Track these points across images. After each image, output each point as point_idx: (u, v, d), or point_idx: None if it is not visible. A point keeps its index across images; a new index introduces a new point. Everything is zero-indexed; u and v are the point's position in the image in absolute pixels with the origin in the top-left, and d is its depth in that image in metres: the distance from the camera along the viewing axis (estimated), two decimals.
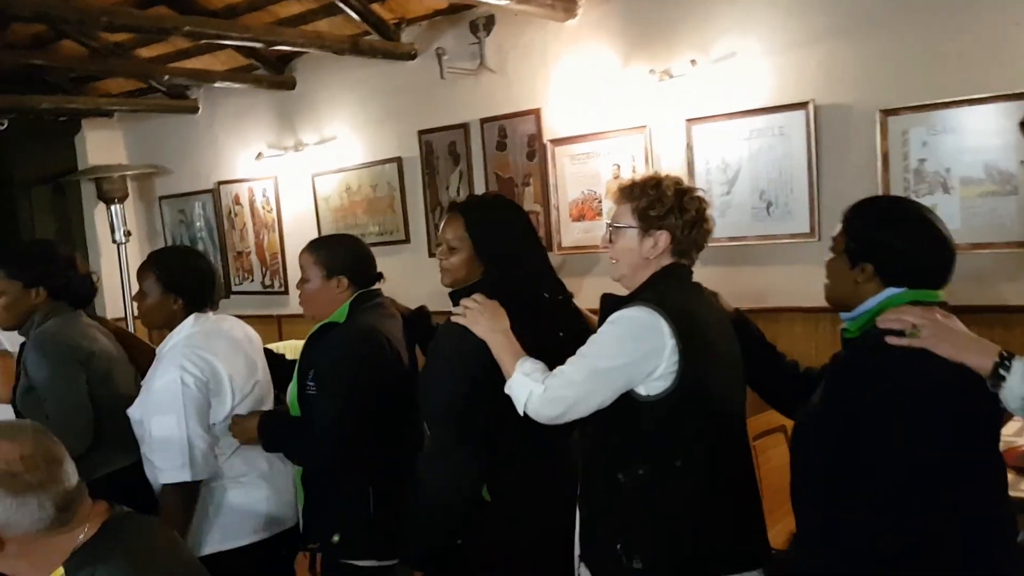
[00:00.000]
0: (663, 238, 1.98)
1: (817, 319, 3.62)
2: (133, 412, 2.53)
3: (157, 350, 2.59)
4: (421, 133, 4.98)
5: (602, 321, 2.00)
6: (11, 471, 1.43)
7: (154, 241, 6.74)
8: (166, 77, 5.56)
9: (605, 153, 4.27)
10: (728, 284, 2.64)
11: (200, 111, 6.18)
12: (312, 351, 2.53)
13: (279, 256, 5.90)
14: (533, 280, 2.30)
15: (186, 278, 2.55)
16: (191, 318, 2.53)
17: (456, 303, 2.22)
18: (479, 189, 4.77)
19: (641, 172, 4.05)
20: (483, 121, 4.70)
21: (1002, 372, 1.50)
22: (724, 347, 2.03)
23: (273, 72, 5.56)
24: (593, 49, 4.26)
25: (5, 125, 5.93)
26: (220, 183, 6.18)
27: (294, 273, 2.65)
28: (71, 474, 1.50)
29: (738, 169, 3.86)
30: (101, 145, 6.71)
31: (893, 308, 1.65)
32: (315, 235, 5.51)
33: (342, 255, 2.56)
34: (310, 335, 2.56)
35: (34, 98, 5.75)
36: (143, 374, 2.72)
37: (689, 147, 3.98)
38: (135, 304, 2.63)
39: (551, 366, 1.97)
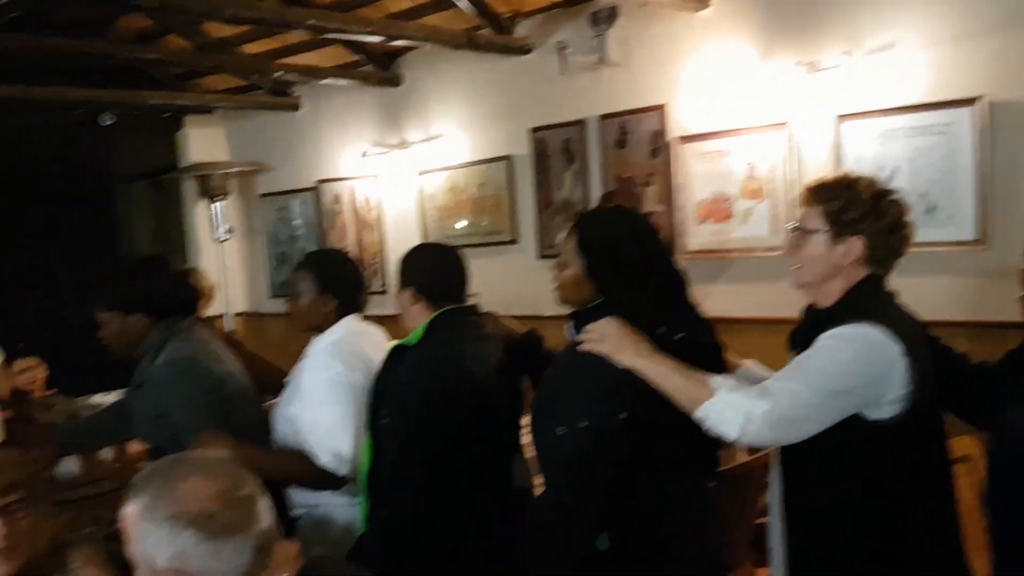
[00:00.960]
0: (857, 245, 1.78)
1: (983, 334, 3.26)
2: (287, 408, 2.46)
3: (307, 349, 2.52)
4: (533, 131, 4.77)
5: (807, 335, 1.78)
6: (206, 511, 1.23)
7: (253, 239, 6.69)
8: (277, 73, 5.44)
9: (738, 151, 3.98)
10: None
11: (303, 108, 6.09)
12: (385, 374, 2.26)
13: (379, 256, 5.75)
14: (646, 312, 1.94)
15: (341, 280, 2.51)
16: (345, 320, 2.48)
17: (579, 326, 1.95)
18: (595, 188, 4.53)
19: (780, 174, 3.82)
20: (602, 118, 4.45)
21: None
22: (929, 364, 1.80)
23: (379, 69, 5.42)
24: (728, 41, 3.98)
25: (112, 120, 5.94)
26: (321, 181, 6.08)
27: (397, 273, 2.48)
28: (265, 513, 1.31)
29: (894, 170, 3.52)
30: (203, 142, 6.69)
31: None
32: (418, 235, 5.43)
33: (419, 267, 2.33)
34: (386, 356, 2.29)
35: (142, 93, 5.75)
36: (257, 384, 2.66)
37: (838, 145, 3.66)
38: (288, 305, 2.56)
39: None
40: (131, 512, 1.26)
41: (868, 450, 1.72)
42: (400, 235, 5.58)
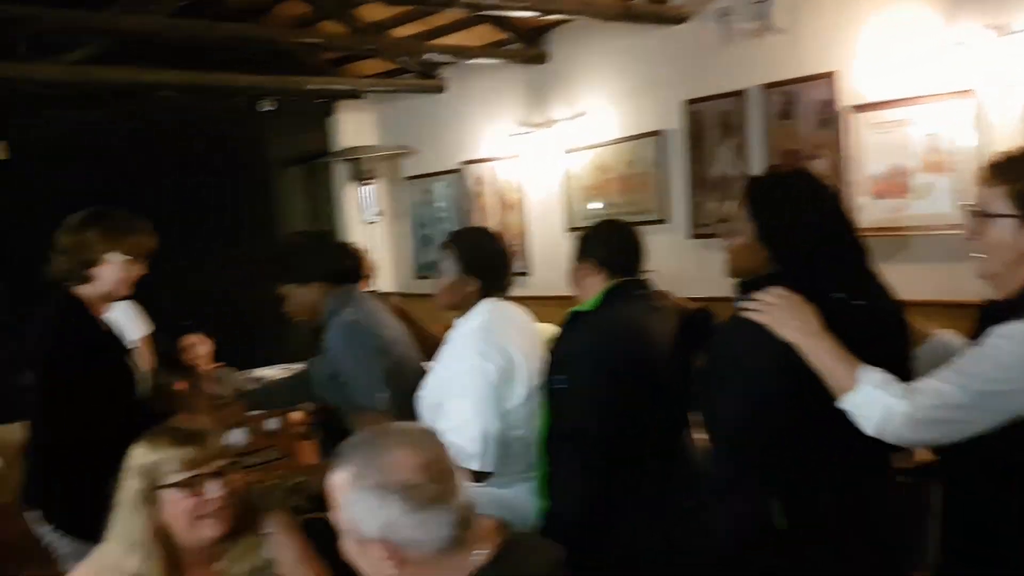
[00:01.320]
0: None
1: None
2: (427, 395, 2.44)
3: (448, 333, 2.49)
4: (688, 103, 4.58)
5: (982, 327, 1.61)
6: (412, 482, 1.22)
7: (400, 222, 6.79)
8: (427, 55, 5.45)
9: (918, 121, 3.67)
10: None
11: (447, 90, 6.11)
12: (560, 341, 2.32)
13: (521, 237, 5.71)
14: (824, 280, 1.80)
15: (485, 260, 2.45)
16: (486, 303, 2.41)
17: (744, 295, 1.84)
18: (755, 163, 4.30)
19: (963, 146, 3.50)
20: (765, 87, 4.22)
21: None
22: None
23: (526, 46, 5.35)
24: (908, 3, 3.67)
25: (272, 107, 6.15)
26: (464, 163, 6.09)
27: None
28: (463, 487, 1.27)
29: None
30: (353, 126, 6.84)
31: None
32: (561, 215, 5.35)
33: (600, 241, 2.41)
34: (563, 323, 2.34)
35: (301, 79, 5.90)
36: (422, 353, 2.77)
37: None
38: (434, 286, 2.54)
39: None
40: (339, 480, 1.25)
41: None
42: (543, 216, 5.52)
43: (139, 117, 6.10)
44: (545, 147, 5.41)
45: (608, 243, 2.40)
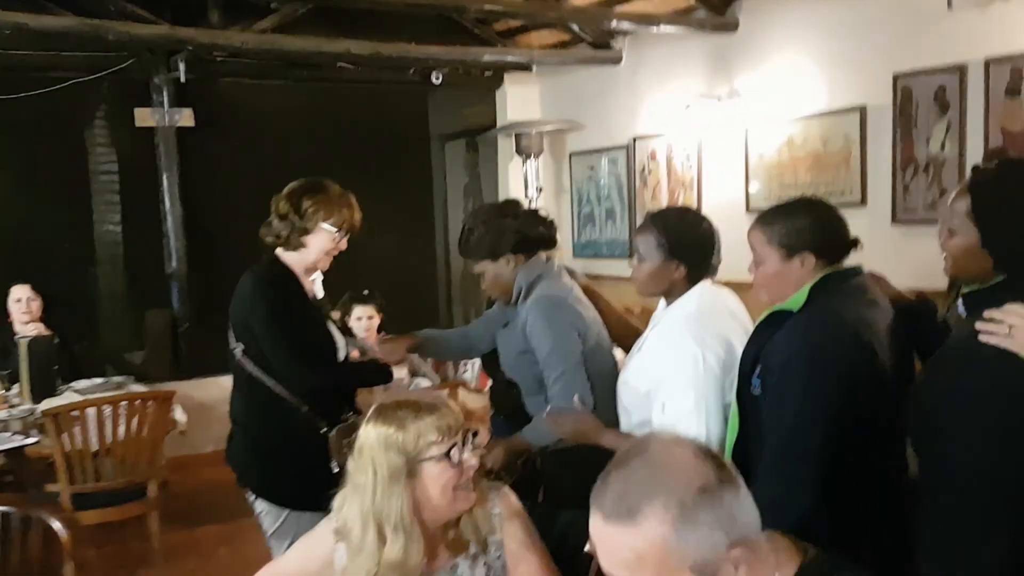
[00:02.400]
0: None
1: None
2: (634, 382, 2.27)
3: (655, 316, 2.32)
4: (897, 77, 4.18)
5: None
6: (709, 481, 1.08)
7: (560, 197, 6.66)
8: (611, 22, 5.24)
9: None
10: None
11: (623, 61, 5.89)
12: (759, 342, 1.96)
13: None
14: None
15: (690, 242, 2.22)
16: (699, 287, 2.21)
17: (974, 309, 1.57)
18: (974, 144, 3.88)
19: None
20: (990, 61, 3.78)
21: None
22: None
23: (714, 14, 5.06)
24: None
25: (440, 79, 6.12)
26: (636, 138, 5.86)
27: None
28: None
29: None
30: (519, 100, 6.74)
31: None
32: (742, 194, 5.05)
33: (806, 226, 1.95)
34: (759, 322, 1.99)
35: (479, 49, 5.82)
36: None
37: None
38: (631, 269, 2.32)
39: None
40: (654, 525, 1.07)
41: None
42: (719, 195, 5.22)
43: (317, 88, 6.24)
44: (727, 121, 5.11)
45: (821, 224, 1.98)
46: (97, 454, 3.56)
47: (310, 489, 2.34)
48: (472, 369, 4.72)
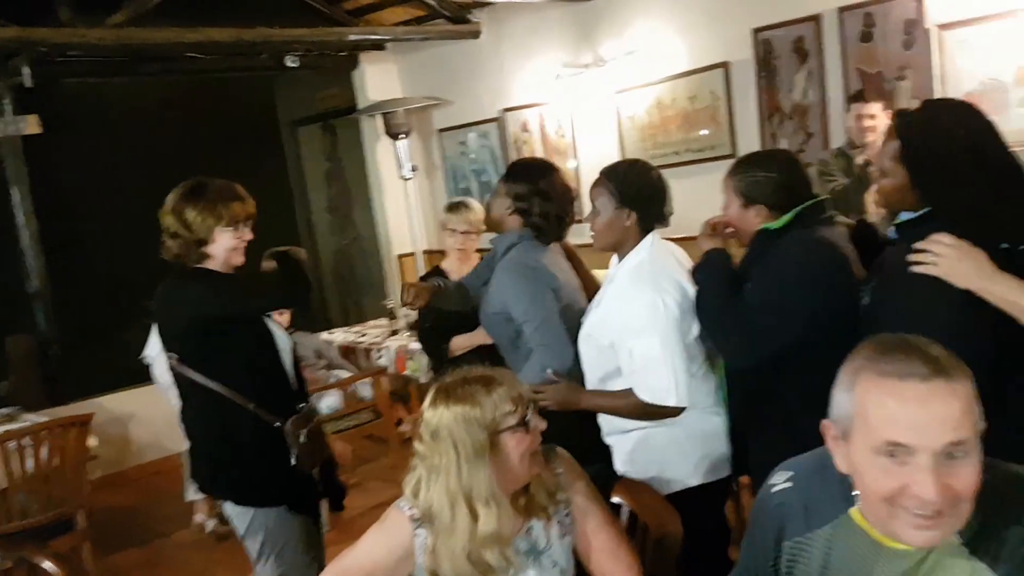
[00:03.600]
0: None
1: None
2: (595, 335, 2.35)
3: (610, 272, 2.39)
4: (756, 31, 4.46)
5: None
6: None
7: (433, 175, 6.65)
8: None
9: (1011, 36, 3.60)
10: None
11: (484, 35, 5.93)
12: (748, 263, 2.20)
13: (575, 183, 5.59)
14: (984, 225, 1.74)
15: (638, 190, 2.32)
16: (648, 238, 2.32)
17: (905, 239, 1.77)
18: (834, 88, 4.22)
19: None
20: (842, 9, 4.11)
21: None
22: None
23: None
24: None
25: (297, 63, 5.94)
26: (506, 110, 5.94)
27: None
28: None
29: None
30: (378, 80, 6.64)
31: None
32: (617, 156, 5.23)
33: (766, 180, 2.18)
34: (753, 242, 2.20)
35: (321, 30, 5.68)
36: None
37: None
38: (590, 226, 2.39)
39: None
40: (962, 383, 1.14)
41: None
42: (596, 159, 5.37)
43: (167, 81, 5.91)
44: (596, 88, 5.27)
45: (783, 176, 2.17)
46: (6, 492, 3.29)
47: (271, 485, 2.45)
48: (388, 354, 4.68)
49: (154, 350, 4.34)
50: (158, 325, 2.53)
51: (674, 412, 2.20)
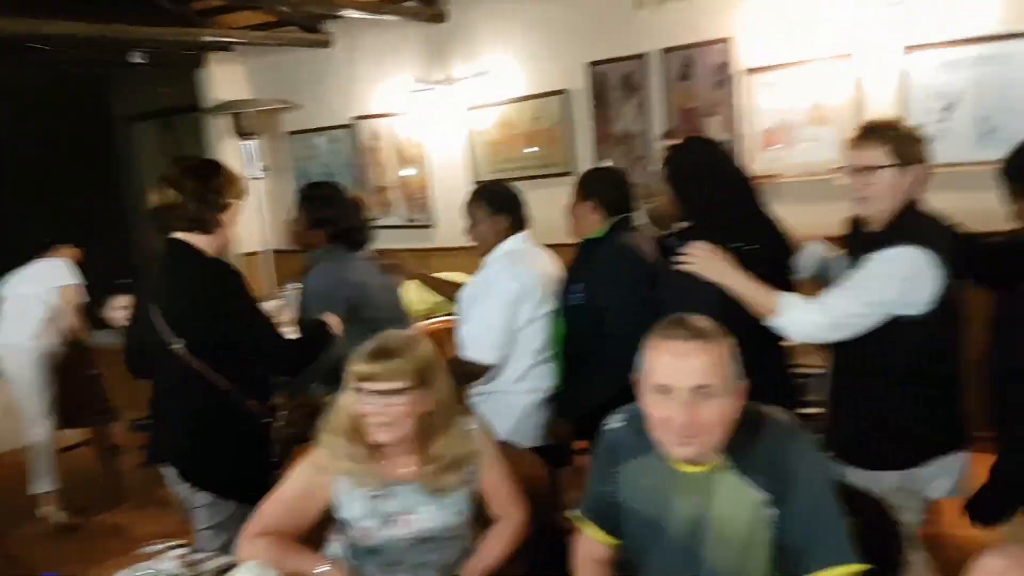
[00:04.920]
0: (918, 173, 2.15)
1: None
2: (461, 305, 2.86)
3: (487, 259, 2.87)
4: (591, 65, 4.97)
5: (861, 251, 2.16)
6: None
7: (281, 176, 6.75)
8: (313, 8, 5.38)
9: (803, 82, 4.28)
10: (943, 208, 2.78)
11: (336, 45, 6.14)
12: (577, 262, 2.81)
13: (424, 191, 5.92)
14: (728, 232, 2.35)
15: (505, 197, 2.88)
16: (515, 237, 2.85)
17: (669, 252, 2.38)
18: (657, 120, 4.79)
19: (843, 103, 4.13)
20: (665, 51, 4.68)
21: None
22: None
23: (422, 4, 5.50)
24: None
25: (143, 60, 5.89)
26: (358, 118, 6.17)
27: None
28: None
29: (960, 96, 3.88)
30: (226, 81, 6.67)
31: None
32: (466, 170, 5.62)
33: (602, 183, 2.86)
34: (578, 248, 2.83)
35: (177, 30, 5.69)
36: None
37: (904, 75, 3.99)
38: (471, 237, 2.91)
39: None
40: (716, 347, 1.59)
41: (897, 339, 2.10)
42: (446, 170, 5.75)
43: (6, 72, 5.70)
44: (447, 104, 5.63)
45: (607, 186, 2.84)
46: None
47: (255, 479, 2.35)
48: None
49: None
50: (163, 309, 2.38)
51: (479, 373, 2.72)
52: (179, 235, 2.41)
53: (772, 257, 2.41)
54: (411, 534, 1.96)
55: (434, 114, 5.73)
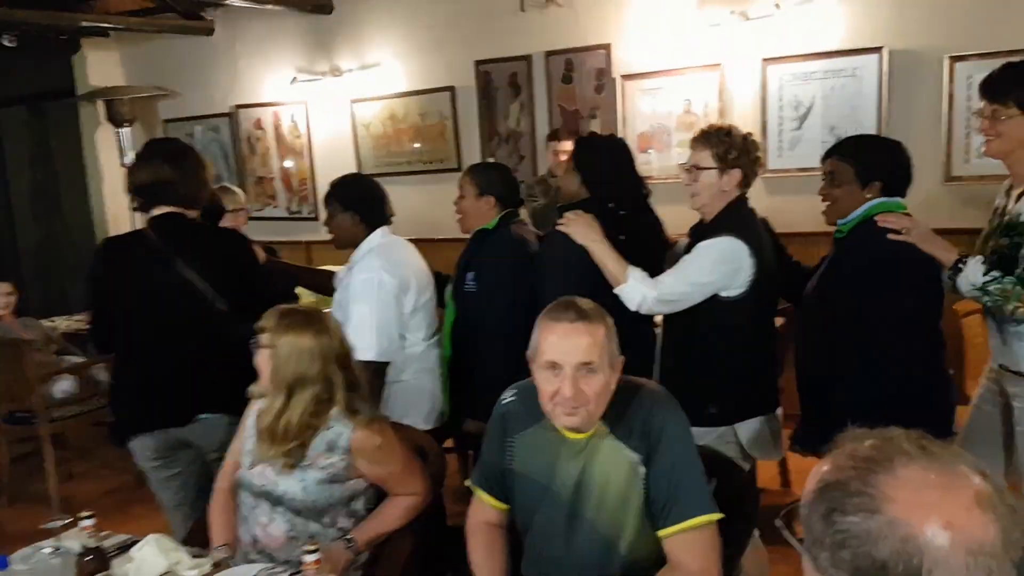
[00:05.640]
0: (737, 175, 2.48)
1: None
2: (337, 304, 2.93)
3: (351, 258, 2.96)
4: (478, 63, 5.12)
5: (693, 243, 2.53)
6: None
7: None
8: None
9: (676, 88, 4.57)
10: (794, 211, 3.38)
11: (217, 32, 6.05)
12: (470, 251, 3.02)
13: (308, 182, 5.93)
14: (615, 202, 2.73)
15: (359, 195, 2.98)
16: (378, 232, 2.94)
17: (561, 216, 2.70)
18: (541, 120, 4.98)
19: (712, 110, 4.45)
20: (548, 54, 4.89)
21: (960, 265, 2.24)
22: (771, 259, 2.59)
23: None
24: None
25: (15, 43, 5.64)
26: (238, 107, 6.10)
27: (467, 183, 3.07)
28: None
29: (810, 106, 4.26)
30: (100, 65, 6.45)
31: (889, 213, 2.32)
32: (352, 161, 5.67)
33: (495, 180, 3.05)
34: (470, 240, 3.04)
35: (53, 14, 5.49)
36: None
37: (764, 85, 4.33)
38: (328, 230, 3.01)
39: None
40: (597, 329, 1.76)
41: (718, 315, 2.47)
42: (331, 161, 5.77)
43: None
44: (332, 95, 5.65)
45: (500, 182, 3.05)
46: None
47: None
48: None
49: None
50: (204, 274, 2.52)
51: (379, 366, 2.80)
52: (170, 209, 2.54)
53: (643, 226, 2.76)
54: (261, 487, 2.09)
55: (319, 105, 5.75)
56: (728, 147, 2.46)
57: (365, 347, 2.72)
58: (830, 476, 0.83)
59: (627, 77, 4.69)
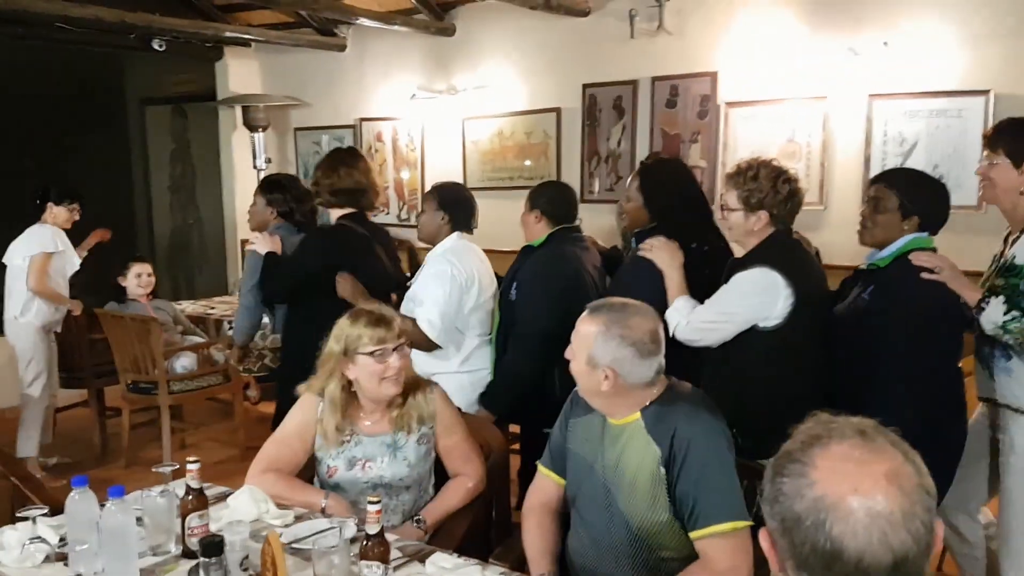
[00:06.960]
0: (764, 216, 2.54)
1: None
2: (410, 294, 3.27)
3: (428, 255, 3.31)
4: (586, 86, 5.30)
5: (728, 277, 2.58)
6: (643, 340, 1.90)
7: (285, 169, 7.04)
8: (328, 13, 5.68)
9: (780, 118, 4.62)
10: None
11: (347, 49, 6.46)
12: (516, 264, 3.25)
13: (418, 192, 6.24)
14: (687, 232, 2.82)
15: (453, 200, 3.31)
16: (455, 235, 3.26)
17: (639, 242, 2.83)
18: (642, 142, 5.11)
19: (815, 141, 4.47)
20: (655, 79, 5.02)
21: (983, 305, 2.38)
22: (819, 289, 2.60)
23: (433, 17, 5.84)
24: (777, 18, 4.58)
25: (163, 47, 6.21)
26: (362, 119, 6.49)
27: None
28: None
29: (915, 144, 4.22)
30: (241, 73, 7.00)
31: (922, 251, 2.42)
32: (460, 174, 5.93)
33: (545, 195, 3.29)
34: (520, 252, 3.28)
35: (200, 23, 6.01)
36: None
37: (869, 119, 4.33)
38: (418, 220, 3.44)
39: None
40: (591, 327, 1.89)
41: (754, 347, 2.50)
42: (441, 175, 6.04)
43: (24, 45, 5.99)
44: (447, 112, 5.96)
45: (550, 198, 3.26)
46: None
47: None
48: None
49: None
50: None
51: (431, 346, 3.09)
52: (355, 210, 3.41)
53: (715, 260, 2.80)
54: (368, 479, 2.27)
55: (434, 121, 6.06)
56: (751, 192, 2.50)
57: (428, 322, 3.08)
58: (786, 447, 0.98)
59: (731, 104, 4.77)
